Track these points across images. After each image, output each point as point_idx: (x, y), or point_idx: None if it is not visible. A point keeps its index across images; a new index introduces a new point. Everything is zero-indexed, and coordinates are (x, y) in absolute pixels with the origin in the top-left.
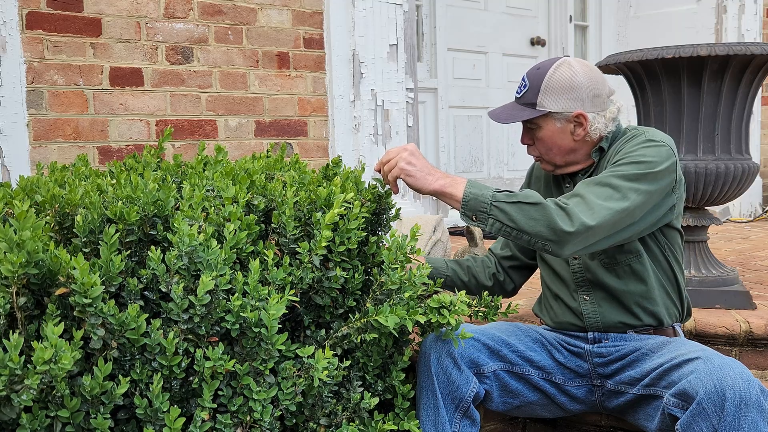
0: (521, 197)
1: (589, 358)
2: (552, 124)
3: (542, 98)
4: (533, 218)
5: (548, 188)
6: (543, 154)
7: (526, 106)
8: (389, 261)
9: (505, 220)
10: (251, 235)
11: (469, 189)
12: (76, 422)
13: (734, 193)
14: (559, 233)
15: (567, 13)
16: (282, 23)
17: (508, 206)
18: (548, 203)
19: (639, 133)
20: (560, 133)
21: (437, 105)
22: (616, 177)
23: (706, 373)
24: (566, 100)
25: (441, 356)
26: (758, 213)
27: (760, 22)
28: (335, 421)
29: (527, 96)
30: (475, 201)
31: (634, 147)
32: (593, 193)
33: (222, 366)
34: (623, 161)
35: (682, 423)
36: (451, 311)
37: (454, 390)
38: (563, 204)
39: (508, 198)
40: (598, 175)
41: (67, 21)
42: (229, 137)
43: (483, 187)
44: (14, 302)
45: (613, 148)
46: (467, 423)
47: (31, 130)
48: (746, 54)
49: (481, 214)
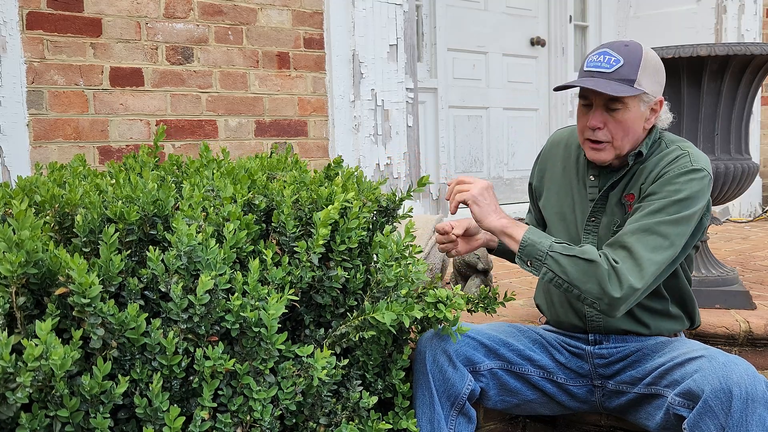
0: (578, 252)
1: (590, 359)
2: (638, 106)
3: (641, 76)
4: (586, 274)
5: (566, 176)
6: (615, 138)
7: (622, 82)
8: (385, 258)
9: (558, 271)
10: (251, 234)
11: (528, 235)
12: (75, 422)
13: (734, 193)
14: (608, 296)
15: (567, 13)
16: (282, 23)
17: (564, 258)
18: (602, 262)
19: (681, 154)
20: (639, 118)
21: (437, 105)
22: (665, 224)
23: (711, 371)
24: (655, 84)
25: (436, 354)
26: (758, 213)
27: (760, 22)
28: (335, 420)
29: (623, 71)
30: (532, 247)
31: (679, 178)
32: (642, 245)
33: (222, 365)
34: (669, 198)
35: (689, 422)
36: (448, 305)
37: (450, 387)
38: (614, 263)
39: (564, 250)
40: (645, 215)
41: (68, 21)
42: (230, 137)
43: (542, 235)
44: (14, 302)
45: (653, 160)
46: (463, 420)
47: (31, 130)
48: (746, 54)
49: (536, 261)
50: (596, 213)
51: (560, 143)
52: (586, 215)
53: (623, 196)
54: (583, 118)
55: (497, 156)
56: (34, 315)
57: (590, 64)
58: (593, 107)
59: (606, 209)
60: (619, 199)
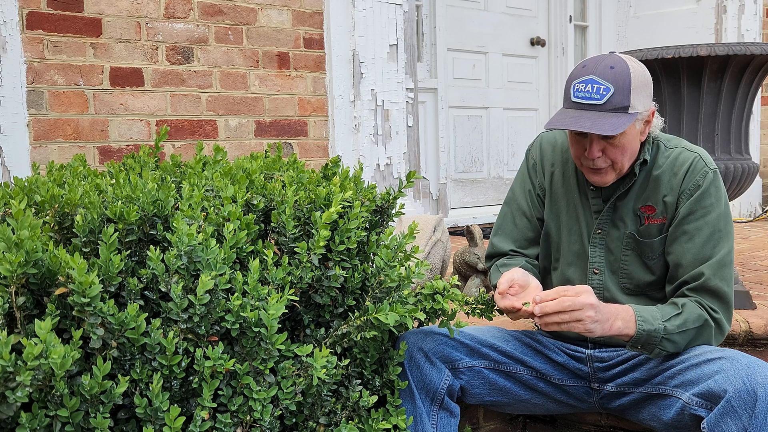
0: (688, 323)
1: (589, 363)
2: (634, 126)
3: (634, 99)
4: (697, 340)
5: (567, 186)
6: (616, 162)
7: (617, 112)
8: (387, 259)
9: (672, 348)
10: (251, 234)
11: (642, 326)
12: (75, 421)
13: (734, 193)
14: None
15: (567, 13)
16: (282, 23)
17: (677, 336)
18: (709, 321)
19: (691, 157)
20: (636, 136)
21: (437, 105)
22: (725, 244)
23: (734, 372)
24: (647, 98)
25: (413, 351)
26: (758, 213)
27: (760, 22)
28: (335, 419)
29: (615, 100)
30: (647, 337)
31: (709, 188)
32: (725, 282)
33: (222, 365)
34: (713, 212)
35: (708, 421)
36: (445, 296)
37: (428, 383)
38: (714, 314)
39: (677, 329)
40: (706, 241)
41: (68, 21)
42: (230, 137)
43: (652, 320)
44: (13, 302)
45: (664, 168)
46: (445, 415)
47: (31, 130)
48: (746, 54)
49: (649, 346)
50: (603, 225)
51: (554, 147)
52: (591, 227)
53: (638, 208)
54: (578, 146)
55: (497, 156)
56: (34, 315)
57: (578, 94)
58: (588, 137)
59: (614, 220)
60: (632, 210)
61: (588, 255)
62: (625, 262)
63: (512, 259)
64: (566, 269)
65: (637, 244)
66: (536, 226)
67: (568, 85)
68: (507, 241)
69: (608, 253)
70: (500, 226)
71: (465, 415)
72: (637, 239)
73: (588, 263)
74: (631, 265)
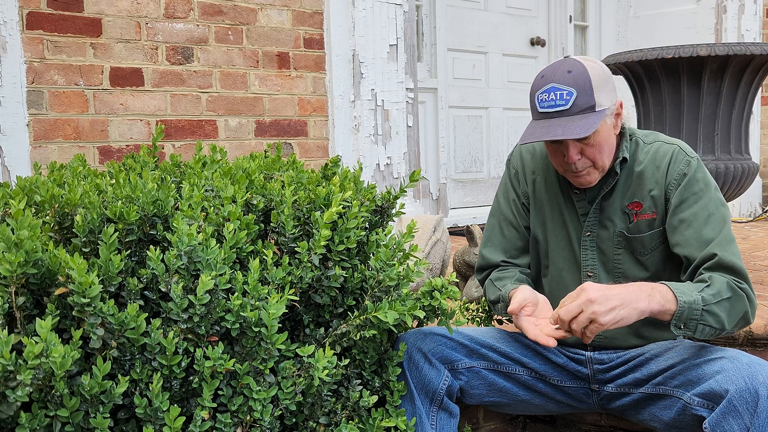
0: (722, 292)
1: (589, 365)
2: (605, 122)
3: (598, 96)
4: (734, 316)
5: (550, 191)
6: (596, 161)
7: (585, 113)
8: (387, 258)
9: (714, 323)
10: (250, 234)
11: (682, 297)
12: (75, 421)
13: (734, 193)
14: (748, 324)
15: (567, 13)
16: (282, 23)
17: (716, 306)
18: (738, 291)
19: (671, 149)
20: (609, 131)
21: (437, 105)
22: (722, 218)
23: (735, 372)
24: (611, 92)
25: (412, 352)
26: (758, 213)
27: (760, 22)
28: (335, 419)
29: (580, 102)
30: (689, 310)
31: (695, 174)
32: (736, 256)
33: (222, 365)
34: (704, 195)
35: (710, 421)
36: (443, 293)
37: (427, 383)
38: (741, 286)
39: (714, 298)
40: (705, 222)
41: (68, 21)
42: (230, 137)
43: (689, 291)
44: (13, 302)
45: (646, 163)
46: (444, 415)
47: (31, 130)
48: (746, 54)
49: (691, 322)
50: (591, 227)
51: (533, 155)
52: (580, 231)
53: (626, 206)
54: (556, 154)
55: (497, 156)
56: (34, 315)
57: (543, 104)
58: (564, 143)
59: (601, 221)
60: (619, 209)
61: (579, 258)
62: (618, 261)
63: (504, 270)
64: (559, 274)
65: (628, 241)
66: (524, 234)
67: (532, 97)
68: (497, 252)
69: (601, 254)
70: (489, 237)
71: (465, 415)
72: (627, 237)
73: (581, 267)
74: (624, 263)
